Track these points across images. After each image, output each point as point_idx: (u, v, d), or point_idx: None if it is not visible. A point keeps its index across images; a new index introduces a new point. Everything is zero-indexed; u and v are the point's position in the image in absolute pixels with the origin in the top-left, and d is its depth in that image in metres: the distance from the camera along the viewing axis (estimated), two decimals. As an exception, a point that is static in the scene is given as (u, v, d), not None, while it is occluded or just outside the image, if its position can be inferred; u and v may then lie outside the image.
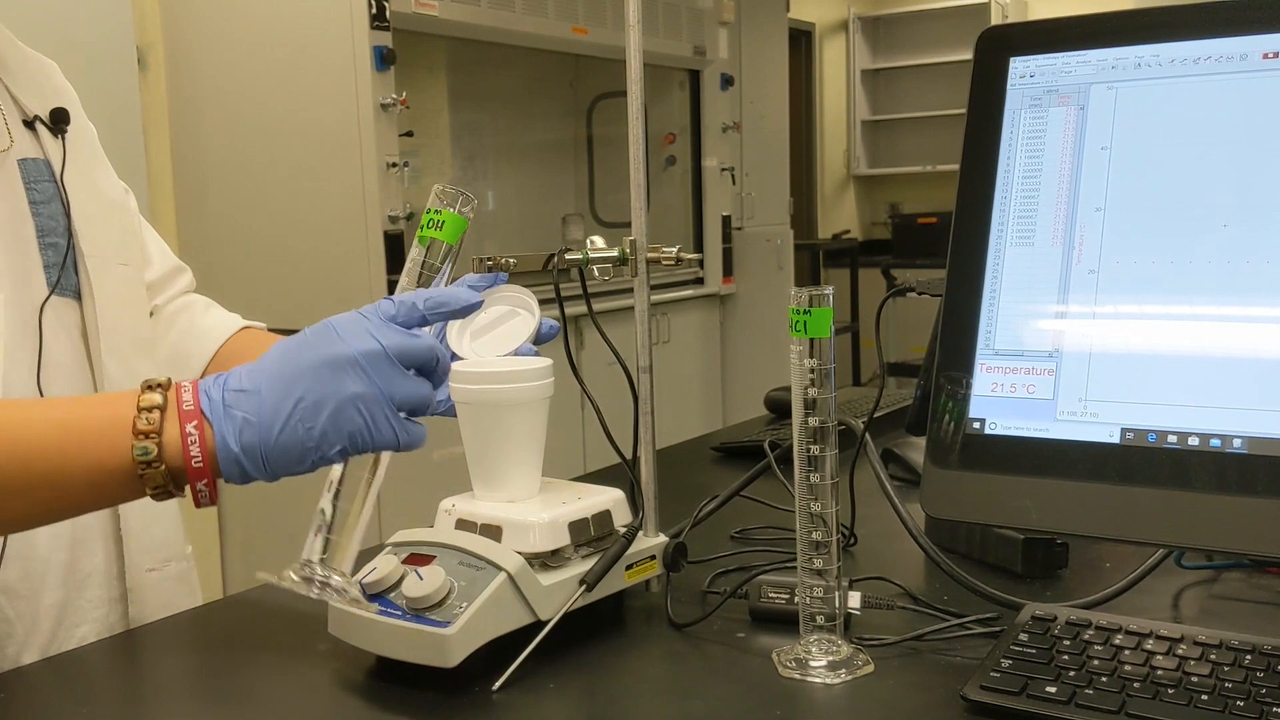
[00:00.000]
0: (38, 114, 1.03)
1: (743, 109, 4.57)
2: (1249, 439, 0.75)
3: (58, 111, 1.04)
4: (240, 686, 0.86)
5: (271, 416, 0.73)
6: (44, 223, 1.00)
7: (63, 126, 1.04)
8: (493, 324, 0.98)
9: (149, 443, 0.73)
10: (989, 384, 0.83)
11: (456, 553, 0.84)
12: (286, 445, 0.74)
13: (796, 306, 0.80)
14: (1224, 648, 0.75)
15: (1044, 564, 1.00)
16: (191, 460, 0.73)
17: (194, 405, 0.74)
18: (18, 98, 1.03)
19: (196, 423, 0.73)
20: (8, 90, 1.02)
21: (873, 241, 7.12)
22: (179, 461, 0.73)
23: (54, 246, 1.00)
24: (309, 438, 0.74)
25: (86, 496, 0.76)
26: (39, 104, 1.04)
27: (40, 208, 1.00)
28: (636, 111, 0.93)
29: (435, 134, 3.57)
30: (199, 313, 1.20)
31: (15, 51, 1.06)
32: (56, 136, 1.03)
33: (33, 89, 1.04)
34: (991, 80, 0.86)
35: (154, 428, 0.73)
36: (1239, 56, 0.78)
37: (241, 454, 0.74)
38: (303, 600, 0.79)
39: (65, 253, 1.01)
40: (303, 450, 0.74)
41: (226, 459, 0.74)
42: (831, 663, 0.81)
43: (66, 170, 1.02)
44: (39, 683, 0.89)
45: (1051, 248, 0.83)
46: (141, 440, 0.73)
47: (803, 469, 0.82)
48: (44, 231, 1.00)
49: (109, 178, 1.11)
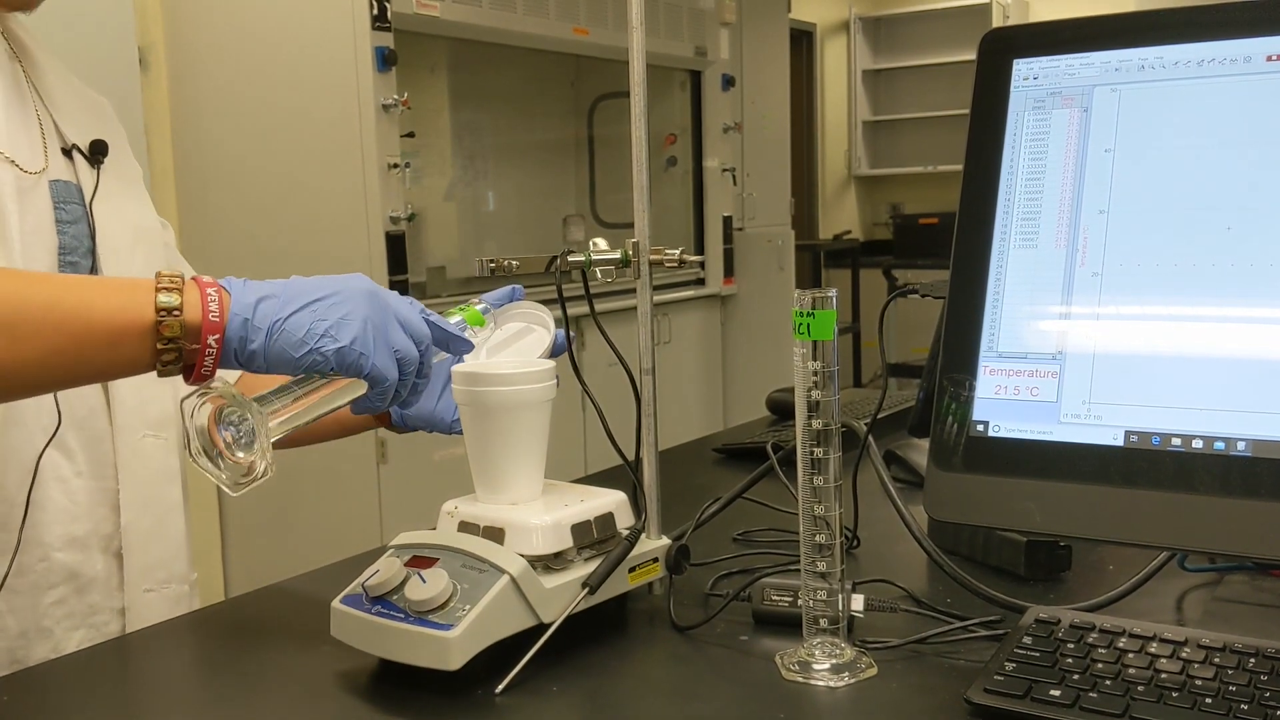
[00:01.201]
0: (76, 144, 1.04)
1: (744, 109, 4.57)
2: (1253, 442, 0.74)
3: (97, 144, 1.05)
4: (241, 689, 0.85)
5: (287, 300, 0.81)
6: (67, 241, 1.00)
7: (99, 158, 1.05)
8: (509, 340, 0.99)
9: (172, 294, 0.79)
10: (992, 386, 0.83)
11: (459, 555, 0.84)
12: (294, 325, 0.80)
13: (800, 309, 0.80)
14: (1228, 651, 0.75)
15: (1047, 566, 1.00)
16: (209, 314, 0.79)
17: (213, 280, 0.81)
18: (61, 128, 1.04)
19: (217, 288, 0.81)
20: (52, 120, 1.04)
21: (874, 242, 7.12)
22: (197, 317, 0.79)
23: (74, 266, 1.00)
24: (316, 327, 0.81)
25: (102, 349, 0.79)
26: (80, 136, 1.05)
27: (66, 226, 1.00)
28: (640, 114, 0.93)
29: (436, 134, 3.57)
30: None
31: (65, 87, 1.07)
32: (93, 167, 1.04)
33: (75, 122, 1.05)
34: (995, 82, 0.86)
35: (177, 286, 0.79)
36: (1243, 59, 0.78)
37: (253, 317, 0.80)
38: (305, 603, 0.79)
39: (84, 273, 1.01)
40: (305, 334, 0.80)
41: (237, 319, 0.80)
42: (835, 666, 0.81)
43: (97, 199, 1.03)
44: (39, 685, 0.89)
45: (1055, 250, 0.83)
46: (165, 294, 0.79)
47: (806, 472, 0.82)
48: (66, 249, 1.00)
49: (143, 211, 1.10)
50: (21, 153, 0.98)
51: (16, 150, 0.97)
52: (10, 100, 0.99)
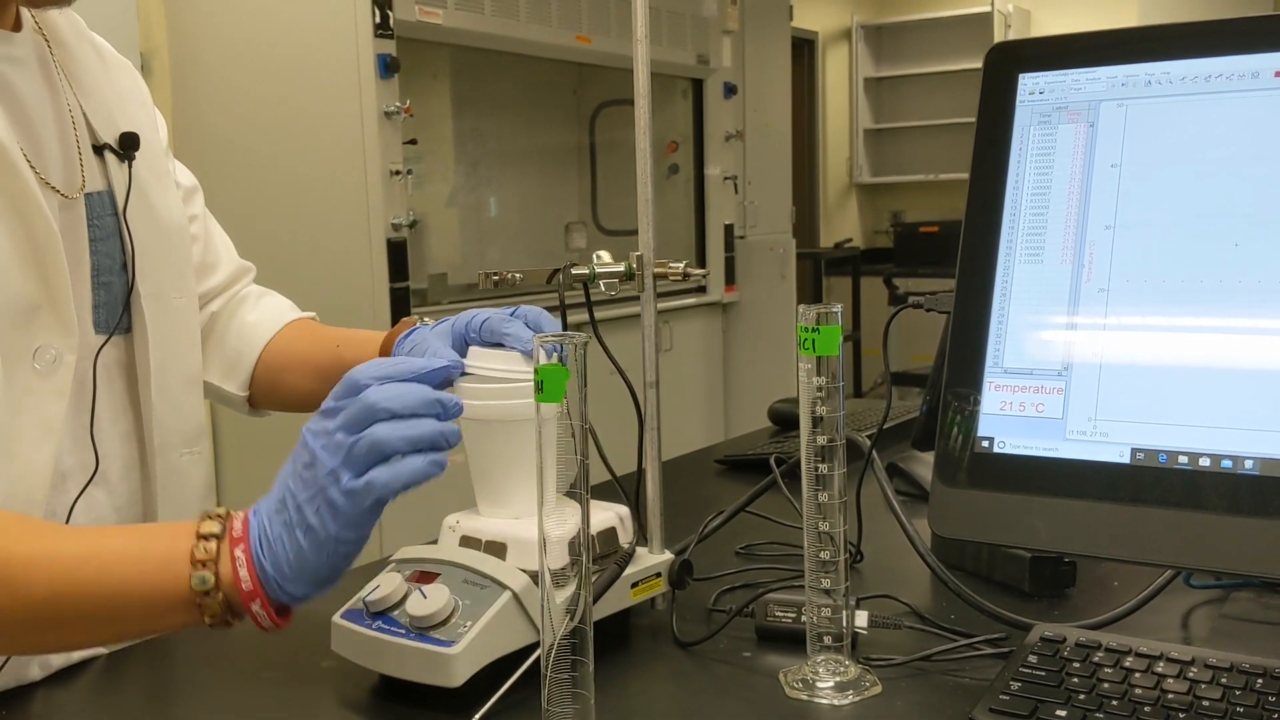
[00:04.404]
0: (108, 142, 1.00)
1: (746, 117, 4.57)
2: (1261, 460, 0.74)
3: (127, 137, 1.01)
4: (241, 704, 0.85)
5: (279, 536, 0.75)
6: (100, 260, 0.98)
7: (131, 153, 1.01)
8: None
9: (206, 571, 0.74)
10: (998, 402, 0.83)
11: (461, 570, 0.83)
12: (304, 555, 0.75)
13: (805, 324, 0.79)
14: (1235, 671, 0.75)
15: (1052, 582, 0.99)
16: (241, 583, 0.74)
17: (242, 531, 0.76)
18: (92, 122, 1.00)
19: (244, 546, 0.75)
20: (84, 115, 0.99)
21: (875, 250, 7.11)
22: (234, 593, 0.75)
23: (106, 286, 0.98)
24: (337, 558, 0.76)
25: (141, 626, 0.79)
26: (110, 128, 1.01)
27: (98, 245, 0.98)
28: (644, 126, 0.92)
29: (439, 141, 3.57)
30: (248, 309, 1.18)
31: (98, 65, 1.03)
32: (123, 163, 1.00)
33: (107, 111, 1.01)
34: (1001, 96, 0.86)
35: (211, 556, 0.74)
36: (1250, 74, 0.78)
37: (276, 577, 0.75)
38: (305, 617, 0.79)
39: (120, 291, 0.99)
40: (318, 553, 0.75)
41: (270, 581, 0.75)
42: (839, 684, 0.81)
43: (130, 201, 1.00)
44: (36, 699, 0.88)
45: (1061, 265, 0.82)
46: (199, 569, 0.74)
47: (810, 487, 0.81)
48: (99, 270, 0.97)
49: (169, 199, 1.08)
50: (58, 172, 0.95)
51: (55, 170, 0.94)
52: (46, 112, 0.95)
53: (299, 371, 1.14)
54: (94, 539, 0.79)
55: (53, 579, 0.74)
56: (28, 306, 0.89)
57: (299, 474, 0.76)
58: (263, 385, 1.16)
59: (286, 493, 0.76)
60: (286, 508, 0.76)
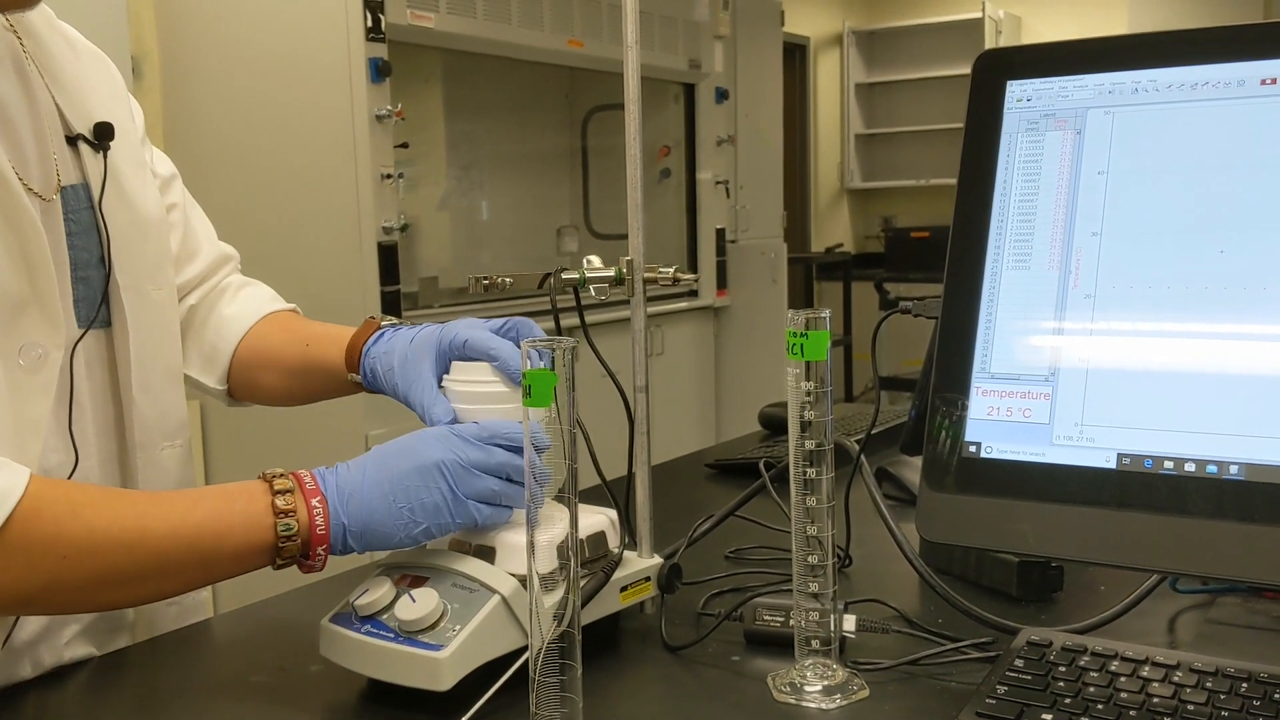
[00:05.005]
0: (81, 132, 0.99)
1: (737, 122, 4.58)
2: (1246, 465, 0.74)
3: (101, 127, 1.00)
4: (230, 707, 0.85)
5: (370, 495, 0.85)
6: (78, 255, 0.97)
7: (105, 143, 1.00)
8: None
9: (290, 519, 0.84)
10: (985, 407, 0.83)
11: (450, 574, 0.83)
12: (380, 523, 0.84)
13: (794, 329, 0.80)
14: (1220, 675, 0.75)
15: (1039, 586, 1.00)
16: (316, 528, 0.84)
17: (315, 485, 0.86)
18: (65, 113, 0.99)
19: (320, 498, 0.85)
20: (56, 107, 0.98)
21: (866, 255, 7.13)
22: (308, 535, 0.85)
23: (85, 280, 0.97)
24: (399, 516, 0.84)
25: (230, 569, 0.86)
26: (84, 118, 1.00)
27: (75, 239, 0.97)
28: (634, 131, 0.92)
29: (431, 145, 3.57)
30: (226, 302, 1.18)
31: (69, 55, 1.02)
32: (98, 153, 0.99)
33: (81, 100, 1.00)
34: (988, 103, 0.86)
35: (291, 506, 0.84)
36: (1237, 82, 0.78)
37: (349, 523, 0.84)
38: (294, 621, 0.79)
39: (99, 285, 0.98)
40: (392, 528, 0.85)
41: (336, 529, 0.85)
42: (827, 687, 0.81)
43: (106, 193, 0.99)
44: (28, 700, 0.88)
45: (1048, 271, 0.83)
46: (284, 518, 0.84)
47: (799, 492, 0.81)
48: (77, 265, 0.97)
49: (146, 190, 1.07)
50: (35, 173, 0.94)
51: (32, 170, 0.94)
52: (21, 111, 0.95)
53: (271, 369, 1.14)
54: (179, 514, 0.84)
55: (155, 528, 0.83)
56: (15, 304, 0.89)
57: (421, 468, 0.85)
58: (239, 380, 1.16)
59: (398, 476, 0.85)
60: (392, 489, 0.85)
